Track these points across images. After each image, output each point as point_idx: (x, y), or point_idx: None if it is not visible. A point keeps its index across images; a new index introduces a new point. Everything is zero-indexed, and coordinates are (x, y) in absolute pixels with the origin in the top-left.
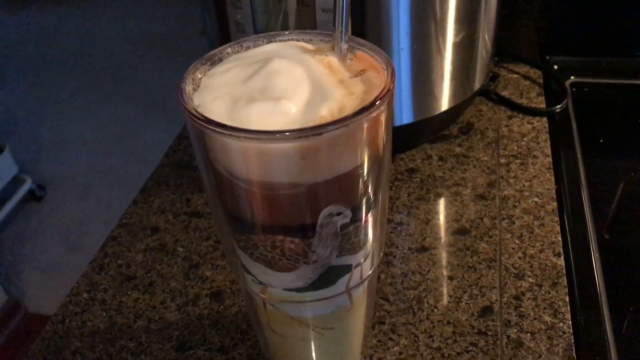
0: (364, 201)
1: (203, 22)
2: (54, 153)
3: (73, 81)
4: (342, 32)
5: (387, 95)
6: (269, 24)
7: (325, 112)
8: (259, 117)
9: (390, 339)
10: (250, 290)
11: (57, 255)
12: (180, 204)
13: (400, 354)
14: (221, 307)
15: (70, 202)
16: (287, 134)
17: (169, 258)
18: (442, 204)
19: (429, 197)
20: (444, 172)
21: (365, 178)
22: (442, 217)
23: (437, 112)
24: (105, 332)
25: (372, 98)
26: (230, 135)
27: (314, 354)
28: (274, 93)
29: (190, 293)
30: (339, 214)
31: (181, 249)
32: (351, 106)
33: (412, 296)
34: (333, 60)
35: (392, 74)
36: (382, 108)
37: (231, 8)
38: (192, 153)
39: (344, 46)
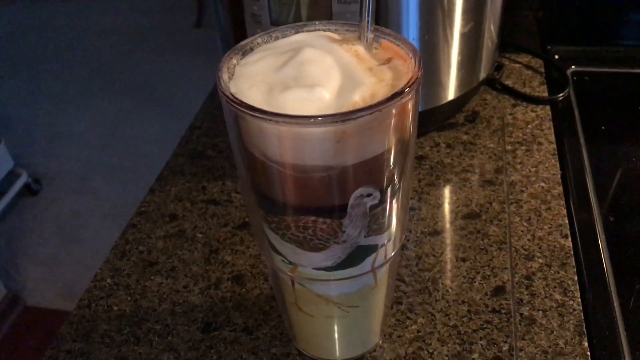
0: (390, 184)
1: (215, 14)
2: (49, 147)
3: (66, 75)
4: (368, 22)
5: (416, 82)
6: (286, 15)
7: (358, 98)
8: (295, 104)
9: (408, 317)
10: (279, 270)
11: (55, 249)
12: (196, 192)
13: (418, 331)
14: (243, 290)
15: (66, 195)
16: (323, 118)
17: (189, 244)
18: (451, 189)
19: (439, 183)
20: (452, 159)
21: (393, 162)
22: (452, 202)
23: (445, 101)
24: (131, 315)
25: (401, 85)
26: (270, 120)
27: (337, 332)
28: (307, 81)
29: (212, 277)
30: (369, 195)
31: (200, 235)
32: (382, 92)
33: (427, 277)
34: (360, 49)
35: (420, 62)
36: (411, 95)
37: (247, 0)
38: (205, 143)
39: (370, 35)
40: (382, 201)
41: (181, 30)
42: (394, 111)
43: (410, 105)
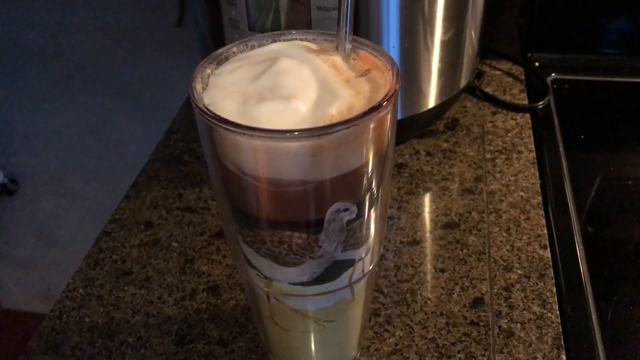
0: (368, 197)
1: (194, 16)
2: (27, 146)
3: (44, 73)
4: (346, 32)
5: (394, 96)
6: (264, 21)
7: (335, 111)
8: (270, 116)
9: (386, 330)
10: (254, 285)
11: (31, 250)
12: (172, 199)
13: (396, 345)
14: (219, 301)
15: (43, 196)
16: (300, 133)
17: (164, 253)
18: (431, 198)
19: (418, 192)
20: (432, 167)
21: (370, 175)
22: (431, 211)
23: (425, 109)
24: (103, 327)
25: (378, 97)
26: (244, 134)
27: (314, 346)
28: (284, 92)
29: (187, 288)
30: (345, 209)
31: (176, 244)
32: (359, 105)
33: (405, 288)
34: (337, 59)
35: (397, 74)
36: (389, 108)
37: (225, 4)
38: (182, 148)
39: (348, 46)
40: (360, 215)
41: (162, 29)
42: (371, 125)
43: (388, 119)
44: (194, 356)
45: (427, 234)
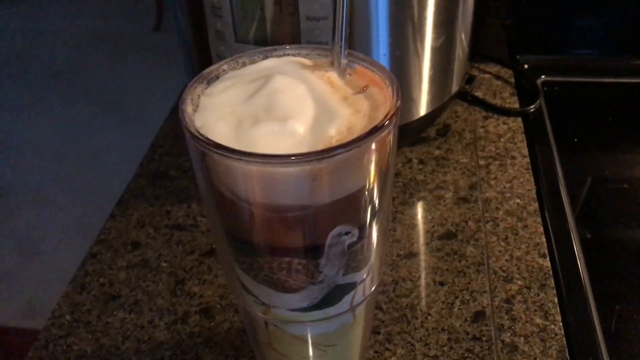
0: (369, 218)
1: (175, 22)
2: (4, 156)
3: (20, 81)
4: (342, 47)
5: (395, 114)
6: (251, 32)
7: (334, 132)
8: (266, 139)
9: (387, 348)
10: (251, 312)
11: (12, 263)
12: (160, 216)
13: None
14: (212, 323)
15: (23, 207)
16: (298, 157)
17: (153, 274)
18: (426, 207)
19: (413, 202)
20: (425, 176)
21: (372, 195)
22: (427, 222)
23: (417, 117)
24: (92, 355)
25: (379, 115)
26: (240, 159)
27: None
28: (279, 113)
29: (179, 310)
30: (347, 233)
31: (165, 265)
32: (360, 125)
33: (405, 304)
34: (333, 76)
35: (398, 91)
36: (390, 127)
37: (211, 16)
38: (168, 162)
39: (344, 61)
40: (361, 237)
41: (140, 34)
42: (373, 146)
43: (390, 138)
44: None
45: (424, 246)
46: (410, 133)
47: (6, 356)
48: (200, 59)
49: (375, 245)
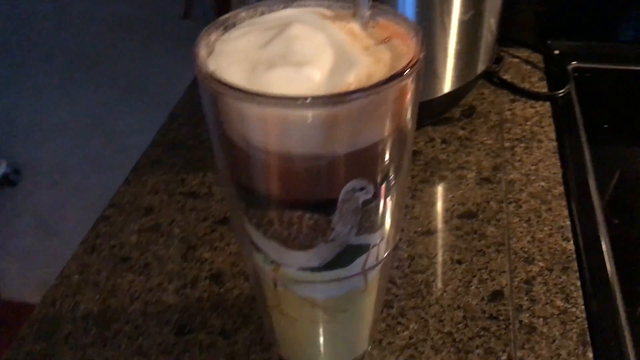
0: (386, 178)
1: (202, 11)
2: (30, 137)
3: (49, 65)
4: None
5: (418, 64)
6: None
7: (352, 79)
8: (281, 83)
9: (400, 323)
10: (260, 270)
11: (33, 241)
12: (175, 184)
13: (410, 338)
14: (221, 289)
15: (46, 187)
16: (313, 100)
17: (165, 239)
18: (446, 187)
19: (434, 180)
20: (447, 155)
21: (389, 153)
22: (447, 200)
23: (441, 94)
24: (99, 315)
25: (401, 66)
26: (252, 101)
27: (322, 338)
28: (296, 58)
29: (189, 275)
30: (361, 189)
31: (177, 230)
32: (380, 73)
33: (420, 280)
34: (355, 27)
35: (422, 41)
36: (412, 77)
37: (237, 4)
38: (185, 132)
39: (367, 13)
40: (376, 196)
41: (168, 21)
42: (392, 95)
43: (410, 90)
44: (194, 347)
45: (443, 224)
46: (434, 111)
47: None
48: None
49: (390, 209)
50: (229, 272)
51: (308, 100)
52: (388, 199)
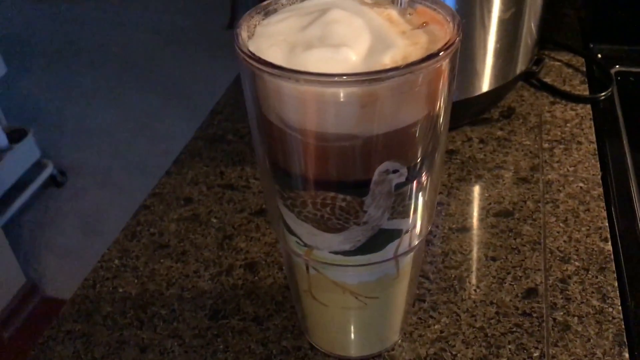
0: (420, 162)
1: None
2: (76, 140)
3: (97, 70)
4: None
5: (454, 45)
6: None
7: (388, 60)
8: (318, 64)
9: (431, 316)
10: (293, 253)
11: (75, 241)
12: (214, 176)
13: (442, 332)
14: (256, 278)
15: (90, 188)
16: (349, 77)
17: (203, 228)
18: (483, 186)
19: (470, 179)
20: (484, 155)
21: (424, 136)
22: (483, 199)
23: (479, 93)
24: (137, 298)
25: (437, 48)
26: (289, 78)
27: (353, 326)
28: (334, 40)
29: (224, 263)
30: (395, 171)
31: (215, 220)
32: (416, 55)
33: (453, 275)
34: (393, 12)
35: (459, 25)
36: (448, 59)
37: None
38: (225, 127)
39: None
40: (410, 180)
41: (213, 31)
42: (427, 76)
43: (447, 72)
44: (227, 331)
45: (478, 222)
46: (472, 111)
47: None
48: None
49: (422, 195)
50: (263, 261)
51: (344, 78)
52: (422, 183)
